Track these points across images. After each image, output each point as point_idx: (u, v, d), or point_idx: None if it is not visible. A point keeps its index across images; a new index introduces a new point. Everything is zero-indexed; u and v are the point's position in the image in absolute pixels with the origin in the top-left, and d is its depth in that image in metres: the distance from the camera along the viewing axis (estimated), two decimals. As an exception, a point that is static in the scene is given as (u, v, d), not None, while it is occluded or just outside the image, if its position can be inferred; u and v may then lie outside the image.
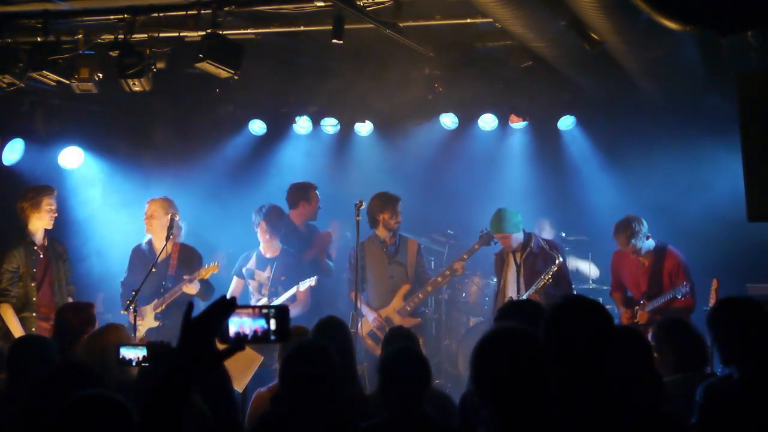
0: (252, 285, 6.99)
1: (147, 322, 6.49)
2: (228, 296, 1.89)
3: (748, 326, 3.35)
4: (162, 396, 1.82)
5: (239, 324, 1.89)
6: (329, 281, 7.43)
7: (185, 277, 6.43)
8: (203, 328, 1.84)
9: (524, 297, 6.44)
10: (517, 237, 6.66)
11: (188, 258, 6.66)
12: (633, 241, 6.49)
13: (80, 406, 2.33)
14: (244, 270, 7.05)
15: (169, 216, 6.54)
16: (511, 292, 6.66)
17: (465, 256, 7.02)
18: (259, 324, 1.90)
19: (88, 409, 2.32)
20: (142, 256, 6.79)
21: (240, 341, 1.89)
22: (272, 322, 1.90)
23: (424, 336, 7.23)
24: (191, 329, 1.85)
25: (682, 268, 6.50)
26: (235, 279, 7.11)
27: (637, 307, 6.55)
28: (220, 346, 1.87)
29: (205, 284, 6.61)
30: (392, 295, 6.95)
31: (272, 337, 1.91)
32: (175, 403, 1.81)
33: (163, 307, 6.43)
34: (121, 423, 2.32)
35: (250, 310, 1.91)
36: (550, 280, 6.47)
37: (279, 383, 3.41)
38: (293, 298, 6.75)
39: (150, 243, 6.79)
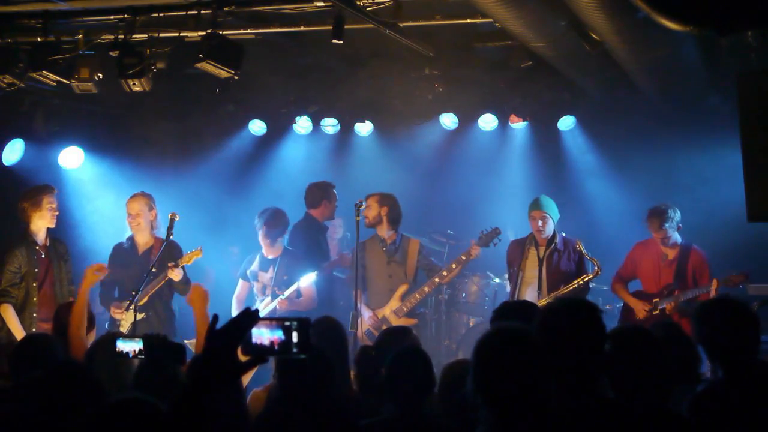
0: (256, 287, 6.99)
1: (130, 315, 6.29)
2: (233, 299, 1.93)
3: (733, 325, 3.37)
4: (185, 404, 1.85)
5: (260, 335, 1.91)
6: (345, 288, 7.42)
7: (169, 264, 6.33)
8: (227, 338, 1.88)
9: (548, 297, 6.41)
10: (551, 226, 6.62)
11: (170, 251, 6.54)
12: (666, 225, 6.45)
13: (118, 411, 2.30)
14: (248, 272, 7.04)
15: (153, 212, 6.56)
16: (531, 288, 6.58)
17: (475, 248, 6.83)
18: (281, 336, 1.91)
19: (126, 414, 2.30)
20: (123, 253, 6.71)
21: (262, 353, 1.91)
22: (294, 334, 1.91)
23: (423, 337, 7.22)
24: (216, 339, 1.88)
25: (708, 269, 6.52)
26: (240, 282, 7.08)
27: (657, 300, 6.51)
28: (242, 357, 1.90)
29: (185, 274, 6.52)
30: (390, 295, 6.90)
31: (294, 350, 1.91)
32: (198, 410, 1.84)
33: (146, 299, 6.38)
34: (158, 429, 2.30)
35: (272, 322, 1.92)
36: (581, 285, 6.46)
37: (278, 382, 3.41)
38: (299, 294, 6.75)
39: (132, 240, 6.71)
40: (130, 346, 3.38)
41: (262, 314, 5.21)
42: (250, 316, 1.90)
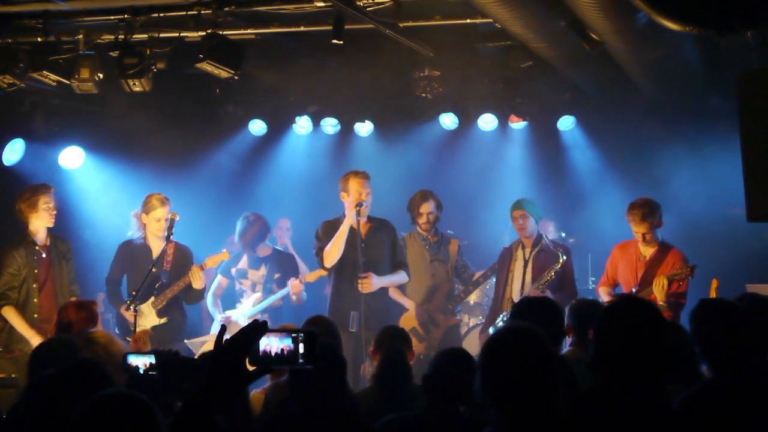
0: (245, 284, 7.00)
1: (150, 320, 6.37)
2: (209, 295, 1.95)
3: (721, 326, 3.39)
4: (192, 414, 1.87)
5: (268, 345, 1.94)
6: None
7: (194, 267, 6.37)
8: (236, 350, 1.90)
9: (526, 293, 6.42)
10: (533, 225, 6.63)
11: (182, 255, 6.59)
12: (649, 219, 6.08)
13: (104, 405, 2.31)
14: (233, 270, 7.04)
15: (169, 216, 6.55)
16: (516, 287, 6.61)
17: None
18: (288, 346, 1.94)
19: (112, 408, 2.31)
20: (134, 252, 6.61)
21: (268, 364, 1.94)
22: (301, 346, 1.94)
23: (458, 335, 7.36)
24: (224, 351, 1.91)
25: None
26: (219, 278, 7.07)
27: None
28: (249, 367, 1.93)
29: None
30: (434, 294, 6.99)
31: (300, 360, 1.94)
32: (204, 421, 1.86)
33: (164, 303, 6.39)
34: (145, 421, 2.31)
35: (279, 333, 1.95)
36: (553, 277, 6.45)
37: (289, 380, 3.38)
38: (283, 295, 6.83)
39: (143, 239, 6.59)
40: (141, 361, 3.30)
41: (252, 310, 5.28)
42: (258, 328, 1.92)
